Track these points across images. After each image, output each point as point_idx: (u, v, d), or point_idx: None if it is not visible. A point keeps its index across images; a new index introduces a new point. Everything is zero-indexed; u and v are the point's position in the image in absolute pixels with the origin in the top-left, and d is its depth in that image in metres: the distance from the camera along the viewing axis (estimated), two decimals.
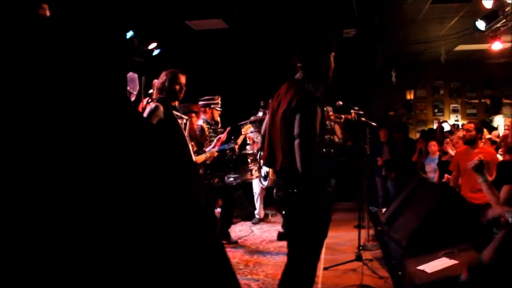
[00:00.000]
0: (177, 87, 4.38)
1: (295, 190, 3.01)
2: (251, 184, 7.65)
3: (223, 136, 5.90)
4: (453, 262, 3.99)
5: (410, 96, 12.68)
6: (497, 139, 6.77)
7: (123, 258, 1.46)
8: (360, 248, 5.38)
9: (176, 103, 4.50)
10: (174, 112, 4.37)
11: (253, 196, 7.92)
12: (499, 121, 11.64)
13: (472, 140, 5.32)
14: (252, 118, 6.85)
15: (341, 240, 6.62)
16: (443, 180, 6.51)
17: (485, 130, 6.08)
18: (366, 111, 6.16)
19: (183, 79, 4.44)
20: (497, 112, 12.09)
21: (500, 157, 5.29)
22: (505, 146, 5.26)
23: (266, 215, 8.13)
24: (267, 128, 3.32)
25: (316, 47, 3.13)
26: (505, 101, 11.82)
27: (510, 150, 3.81)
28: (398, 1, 6.79)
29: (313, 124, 2.91)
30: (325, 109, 3.22)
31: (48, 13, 1.66)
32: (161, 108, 4.20)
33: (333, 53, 3.15)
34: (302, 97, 2.96)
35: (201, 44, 8.98)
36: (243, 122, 6.82)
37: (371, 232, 6.44)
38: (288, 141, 2.98)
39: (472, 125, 5.49)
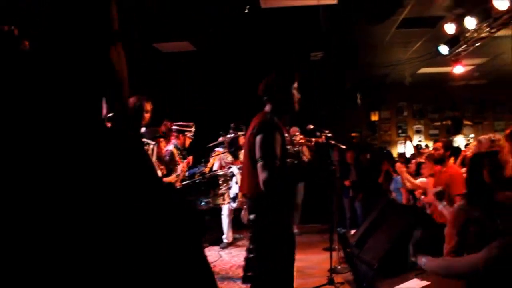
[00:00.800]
0: (142, 115, 4.35)
1: (258, 212, 3.17)
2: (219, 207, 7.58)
3: (187, 162, 5.89)
4: (424, 283, 4.01)
5: (374, 117, 12.89)
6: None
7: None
8: (330, 271, 5.36)
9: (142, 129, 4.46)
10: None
11: (220, 219, 7.82)
12: (459, 141, 11.93)
13: (441, 158, 5.41)
14: (220, 138, 6.83)
15: (311, 263, 6.59)
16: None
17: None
18: (333, 133, 6.22)
19: (148, 106, 4.40)
20: (458, 132, 12.42)
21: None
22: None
23: (234, 239, 8.04)
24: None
25: (277, 82, 3.34)
26: (465, 122, 12.15)
27: None
28: (364, 26, 6.92)
29: (272, 146, 3.09)
30: (286, 135, 3.41)
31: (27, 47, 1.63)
32: None
33: (295, 85, 3.31)
34: (261, 122, 3.19)
35: (168, 67, 8.94)
36: (212, 144, 6.79)
37: (341, 254, 6.44)
38: (252, 165, 3.17)
39: (440, 143, 5.60)
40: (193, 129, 6.36)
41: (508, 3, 5.94)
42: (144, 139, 4.42)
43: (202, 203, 5.59)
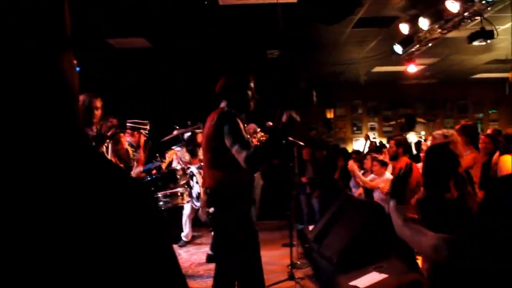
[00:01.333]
0: (93, 112, 4.27)
1: (218, 204, 3.21)
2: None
3: (141, 157, 5.84)
4: (383, 276, 4.13)
5: (330, 115, 13.08)
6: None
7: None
8: (291, 266, 5.42)
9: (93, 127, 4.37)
10: None
11: (178, 217, 7.76)
12: (411, 138, 12.27)
13: (395, 155, 5.56)
14: (175, 132, 6.76)
15: (271, 259, 6.62)
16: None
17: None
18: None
19: (98, 103, 4.32)
20: (411, 129, 12.76)
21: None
22: None
23: (193, 237, 8.00)
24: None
25: (233, 82, 3.44)
26: (418, 119, 12.51)
27: None
28: (321, 24, 7.00)
29: (241, 131, 3.18)
30: (247, 126, 3.50)
31: None
32: None
33: (251, 85, 3.40)
34: (221, 113, 3.27)
35: (123, 63, 8.78)
36: (166, 138, 6.69)
37: (300, 250, 6.52)
38: (212, 156, 3.24)
39: (393, 141, 5.77)
40: (147, 127, 6.27)
41: (459, 5, 6.16)
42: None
43: (161, 203, 5.51)
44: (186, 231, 7.67)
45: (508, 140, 5.32)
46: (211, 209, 3.23)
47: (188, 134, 6.84)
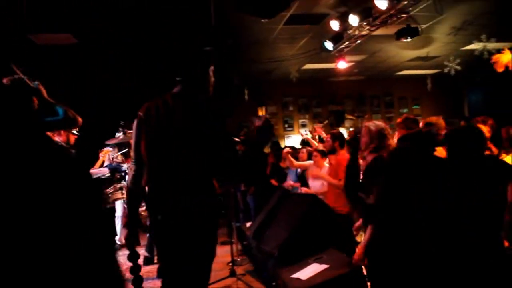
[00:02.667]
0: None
1: (154, 207, 2.92)
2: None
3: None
4: (324, 266, 4.19)
5: (261, 112, 13.13)
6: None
7: None
8: (232, 263, 5.40)
9: None
10: None
11: (112, 221, 7.52)
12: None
13: (332, 149, 5.64)
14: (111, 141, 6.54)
15: None
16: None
17: None
18: None
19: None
20: (340, 125, 13.11)
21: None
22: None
23: None
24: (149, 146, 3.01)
25: (196, 60, 3.09)
26: (347, 116, 12.84)
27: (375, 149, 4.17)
28: (252, 22, 7.02)
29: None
30: None
31: None
32: None
33: (212, 67, 3.14)
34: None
35: (46, 60, 8.36)
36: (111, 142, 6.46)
37: (239, 247, 6.52)
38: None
39: (328, 135, 5.87)
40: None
41: (387, 3, 6.37)
42: None
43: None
44: (120, 233, 7.44)
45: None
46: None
47: (120, 134, 6.62)
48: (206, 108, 2.95)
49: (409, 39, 7.02)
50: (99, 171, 5.90)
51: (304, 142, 9.43)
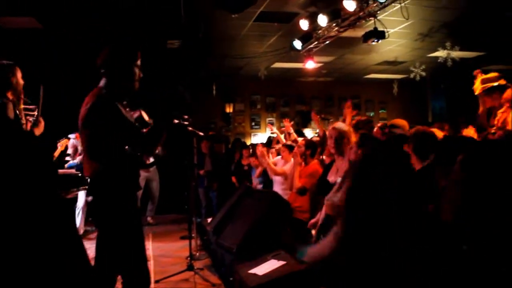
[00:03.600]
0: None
1: (97, 192, 2.96)
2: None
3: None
4: (281, 263, 4.21)
5: (229, 109, 13.11)
6: None
7: None
8: (190, 258, 5.37)
9: None
10: None
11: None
12: (307, 134, 12.68)
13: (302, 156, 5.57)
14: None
15: (169, 251, 6.55)
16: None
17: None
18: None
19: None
20: (306, 126, 13.21)
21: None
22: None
23: (85, 232, 7.65)
24: None
25: (119, 54, 3.08)
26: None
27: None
28: (222, 17, 6.99)
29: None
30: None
31: None
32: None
33: (138, 62, 3.12)
34: (97, 97, 2.96)
35: (10, 44, 8.12)
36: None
37: (199, 242, 6.49)
38: (89, 148, 2.97)
39: (303, 141, 5.85)
40: (36, 113, 5.79)
41: (355, 4, 6.44)
42: None
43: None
44: (79, 224, 7.31)
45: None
46: (89, 198, 2.99)
47: None
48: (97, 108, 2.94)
49: (375, 42, 7.09)
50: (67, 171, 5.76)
51: (270, 141, 9.44)
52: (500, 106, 4.66)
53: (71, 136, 6.84)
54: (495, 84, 4.68)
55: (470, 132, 4.85)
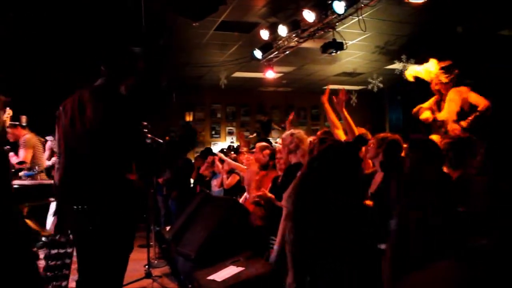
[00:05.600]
0: None
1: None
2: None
3: None
4: (240, 269, 4.23)
5: (189, 118, 13.04)
6: None
7: None
8: (148, 266, 5.33)
9: None
10: None
11: (42, 218, 7.17)
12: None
13: (266, 165, 5.57)
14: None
15: None
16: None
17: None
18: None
19: None
20: (267, 135, 13.27)
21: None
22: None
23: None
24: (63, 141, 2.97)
25: (128, 55, 3.16)
26: (274, 125, 13.04)
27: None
28: (183, 25, 7.00)
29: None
30: None
31: None
32: None
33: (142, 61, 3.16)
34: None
35: None
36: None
37: (157, 250, 6.44)
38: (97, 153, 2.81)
39: (268, 151, 5.85)
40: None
41: (314, 16, 6.58)
42: None
43: None
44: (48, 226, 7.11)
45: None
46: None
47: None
48: (119, 106, 2.88)
49: (334, 53, 7.25)
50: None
51: (230, 150, 9.47)
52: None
53: (49, 138, 6.68)
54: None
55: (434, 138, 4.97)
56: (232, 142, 13.14)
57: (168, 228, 6.96)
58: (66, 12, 6.72)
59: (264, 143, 6.37)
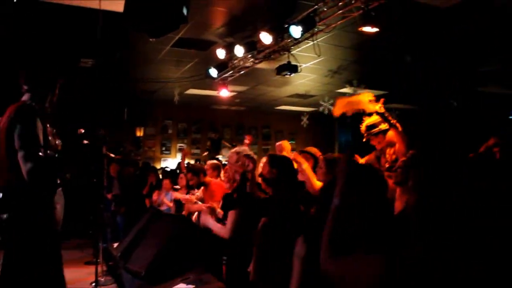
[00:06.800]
0: None
1: (14, 209, 2.89)
2: None
3: None
4: (190, 286, 4.20)
5: (140, 133, 12.92)
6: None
7: None
8: (96, 283, 5.21)
9: None
10: None
11: None
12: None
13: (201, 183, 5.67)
14: None
15: (73, 277, 6.26)
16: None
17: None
18: None
19: None
20: (217, 153, 13.28)
21: None
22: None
23: None
24: None
25: (45, 73, 3.19)
26: (224, 143, 13.08)
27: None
28: (139, 39, 6.96)
29: (35, 134, 2.91)
30: (48, 125, 3.18)
31: None
32: None
33: (60, 82, 3.21)
34: (19, 109, 2.96)
35: None
36: None
37: (105, 267, 6.29)
38: (7, 156, 2.92)
39: (210, 164, 5.94)
40: None
41: (271, 38, 6.70)
42: None
43: None
44: None
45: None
46: (4, 215, 2.86)
47: None
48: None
49: (288, 75, 7.40)
50: None
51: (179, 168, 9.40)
52: (388, 146, 4.98)
53: None
54: (377, 129, 5.00)
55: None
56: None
57: (115, 244, 6.82)
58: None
59: (214, 161, 6.44)
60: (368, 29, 5.58)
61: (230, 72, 8.24)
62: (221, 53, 7.60)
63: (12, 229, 2.89)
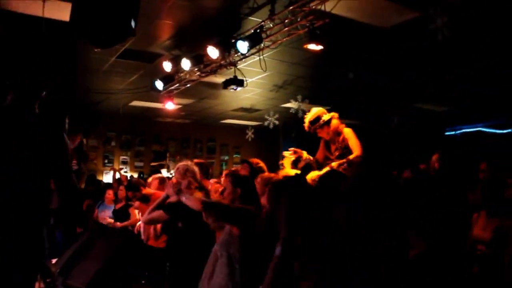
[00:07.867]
0: None
1: None
2: None
3: None
4: None
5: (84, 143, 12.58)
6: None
7: None
8: None
9: None
10: None
11: None
12: (164, 173, 12.63)
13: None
14: None
15: None
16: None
17: None
18: None
19: None
20: (161, 166, 13.15)
21: None
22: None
23: None
24: None
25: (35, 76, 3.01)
26: (169, 157, 12.97)
27: None
28: (84, 49, 6.83)
29: None
30: None
31: None
32: None
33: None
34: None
35: None
36: None
37: (42, 285, 6.06)
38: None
39: (156, 178, 5.87)
40: None
41: (218, 53, 6.73)
42: None
43: None
44: None
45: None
46: None
47: None
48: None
49: (235, 89, 7.45)
50: None
51: (120, 181, 9.22)
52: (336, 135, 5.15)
53: None
54: (321, 121, 5.17)
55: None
56: (125, 172, 12.82)
57: (54, 261, 6.58)
58: None
59: (158, 174, 6.40)
60: (313, 46, 5.73)
61: (176, 85, 8.21)
62: (167, 66, 7.56)
63: None
